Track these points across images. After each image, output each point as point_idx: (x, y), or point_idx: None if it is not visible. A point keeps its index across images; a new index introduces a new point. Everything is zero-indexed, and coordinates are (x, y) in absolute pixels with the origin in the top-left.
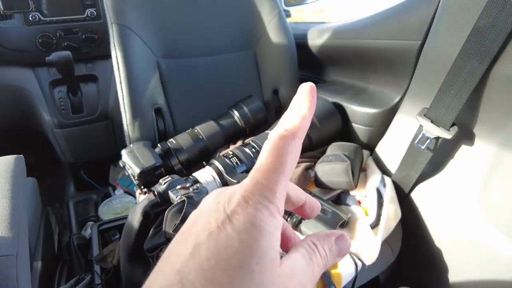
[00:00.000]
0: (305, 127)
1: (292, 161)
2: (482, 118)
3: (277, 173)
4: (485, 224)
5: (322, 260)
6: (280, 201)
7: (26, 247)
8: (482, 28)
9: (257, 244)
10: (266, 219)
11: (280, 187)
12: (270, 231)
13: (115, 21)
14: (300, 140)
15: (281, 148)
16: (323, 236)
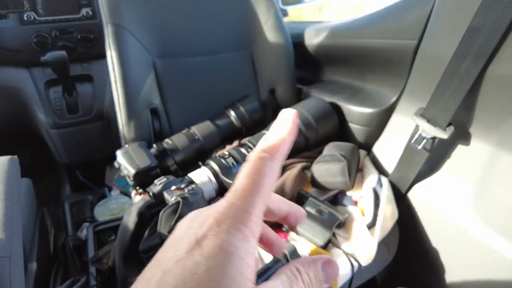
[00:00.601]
0: (284, 149)
1: (270, 182)
2: (478, 117)
3: (253, 195)
4: (482, 224)
5: (306, 286)
6: (255, 224)
7: (20, 248)
8: (477, 28)
9: (224, 271)
10: (237, 243)
11: (256, 209)
12: (241, 257)
13: (110, 20)
14: (278, 162)
15: (258, 170)
16: (308, 262)
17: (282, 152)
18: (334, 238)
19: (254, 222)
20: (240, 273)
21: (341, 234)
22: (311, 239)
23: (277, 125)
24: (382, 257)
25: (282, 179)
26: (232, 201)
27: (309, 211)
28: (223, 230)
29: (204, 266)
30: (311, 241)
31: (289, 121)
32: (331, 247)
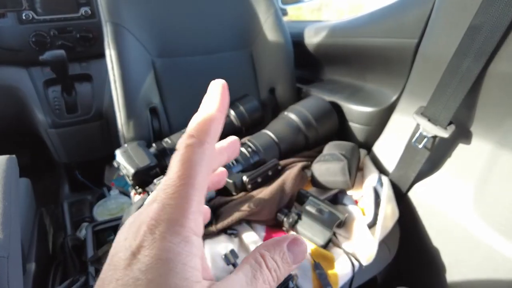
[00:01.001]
0: (215, 129)
1: (204, 169)
2: (479, 116)
3: (186, 189)
4: (482, 223)
5: (272, 274)
6: (194, 220)
7: (18, 248)
8: (478, 26)
9: (166, 282)
10: (176, 248)
11: (192, 205)
12: (182, 261)
13: (109, 19)
14: (210, 145)
15: (188, 159)
16: (273, 244)
17: (213, 133)
18: (334, 238)
19: (193, 219)
20: (185, 279)
21: (341, 234)
22: (311, 238)
23: (204, 103)
24: (383, 257)
25: (282, 178)
26: (163, 201)
27: (309, 210)
28: (157, 238)
29: (144, 280)
30: (311, 240)
31: (216, 95)
32: (331, 246)
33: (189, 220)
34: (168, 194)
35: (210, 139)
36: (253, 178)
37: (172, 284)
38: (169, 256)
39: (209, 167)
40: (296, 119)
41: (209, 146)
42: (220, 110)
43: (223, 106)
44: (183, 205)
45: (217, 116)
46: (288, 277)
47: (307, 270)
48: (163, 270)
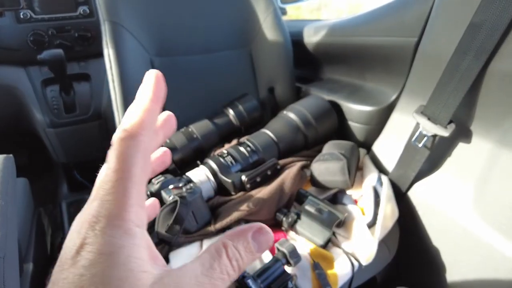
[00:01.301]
0: (149, 120)
1: (140, 161)
2: (479, 115)
3: (123, 183)
4: (482, 223)
5: (232, 263)
6: (135, 213)
7: (15, 249)
8: (478, 24)
9: (110, 275)
10: (118, 242)
11: (131, 197)
12: (126, 254)
13: (108, 18)
14: (145, 137)
15: (122, 153)
16: (237, 234)
17: (147, 124)
18: (334, 237)
19: (133, 212)
20: (129, 270)
21: (341, 233)
22: (310, 238)
23: (138, 94)
24: (383, 256)
25: (281, 178)
26: (102, 198)
27: (308, 210)
28: (98, 233)
29: (88, 275)
30: (310, 240)
31: (149, 86)
32: (331, 246)
33: (129, 213)
34: (105, 190)
35: (143, 131)
36: (252, 178)
37: (116, 275)
38: (111, 249)
39: (146, 157)
40: (296, 119)
41: (143, 138)
42: (153, 101)
43: (157, 96)
44: (121, 199)
45: (151, 107)
46: (287, 277)
47: (306, 270)
48: (107, 264)
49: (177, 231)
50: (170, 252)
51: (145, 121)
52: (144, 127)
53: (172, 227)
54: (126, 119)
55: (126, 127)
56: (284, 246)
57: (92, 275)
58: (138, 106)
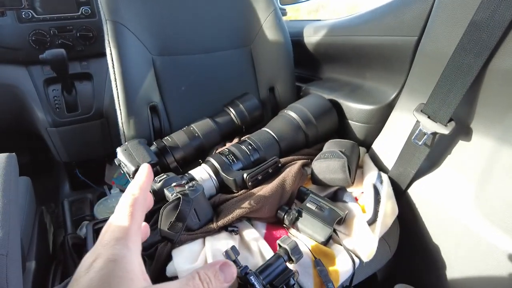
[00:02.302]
0: (144, 190)
1: (139, 212)
2: (480, 113)
3: (126, 221)
4: (482, 220)
5: (204, 284)
6: (134, 237)
7: (18, 247)
8: (479, 22)
9: (114, 274)
10: (122, 252)
11: (133, 226)
12: (126, 261)
13: (109, 17)
14: (140, 201)
15: (129, 206)
16: (208, 265)
17: (143, 195)
18: (335, 235)
19: (133, 236)
20: (128, 271)
21: (342, 231)
22: (311, 235)
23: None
24: (383, 253)
25: (283, 176)
26: (112, 229)
27: (309, 207)
28: (108, 247)
29: (97, 276)
30: (312, 237)
31: (144, 175)
32: (332, 243)
33: (130, 236)
34: (115, 225)
35: (141, 198)
36: (254, 176)
37: (119, 274)
38: (116, 257)
39: (142, 209)
40: (296, 117)
41: (140, 201)
42: (142, 189)
43: (148, 182)
44: (125, 226)
45: (144, 186)
46: (289, 273)
47: (308, 267)
48: (112, 267)
49: (179, 229)
50: (172, 249)
51: (142, 186)
52: (141, 197)
53: (175, 225)
54: (131, 188)
55: (134, 192)
56: (286, 243)
57: (101, 276)
58: (138, 183)
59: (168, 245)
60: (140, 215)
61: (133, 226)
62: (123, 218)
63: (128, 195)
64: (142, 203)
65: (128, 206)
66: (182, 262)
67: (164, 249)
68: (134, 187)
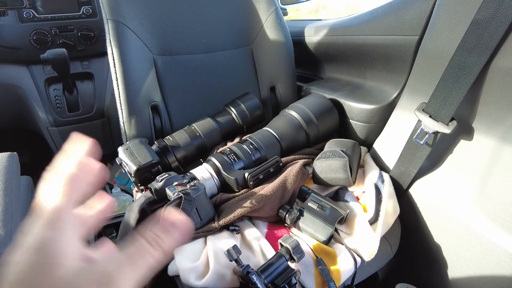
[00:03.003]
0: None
1: (76, 189)
2: (481, 112)
3: (58, 199)
4: (484, 219)
5: (152, 243)
6: (67, 215)
7: None
8: (481, 21)
9: (39, 262)
10: (47, 238)
11: (65, 207)
12: (54, 245)
13: (111, 17)
14: (75, 178)
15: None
16: (151, 222)
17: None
18: (336, 234)
19: (66, 214)
20: (54, 257)
21: (343, 230)
22: (313, 234)
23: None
24: (385, 253)
25: (284, 175)
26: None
27: (311, 206)
28: (34, 234)
29: (22, 267)
30: (313, 236)
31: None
32: (333, 242)
33: (60, 217)
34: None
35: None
36: (255, 175)
37: (46, 261)
38: (42, 244)
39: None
40: (297, 117)
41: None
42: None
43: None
44: (54, 209)
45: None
46: (291, 272)
47: (309, 266)
48: (37, 255)
49: None
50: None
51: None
52: (81, 163)
53: None
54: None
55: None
56: (287, 242)
57: (26, 266)
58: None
59: None
60: (77, 193)
61: (65, 207)
62: (53, 199)
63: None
64: (78, 180)
65: (61, 186)
66: (184, 261)
67: None
68: (71, 164)
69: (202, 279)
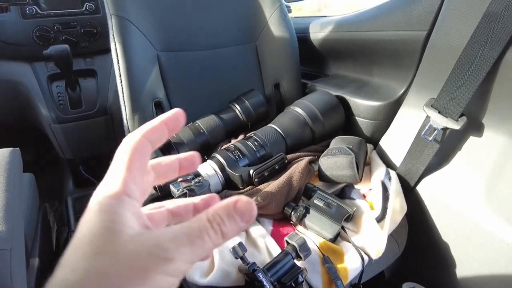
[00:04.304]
0: (147, 133)
1: (138, 158)
2: (492, 107)
3: (119, 169)
4: (494, 217)
5: (214, 226)
6: (129, 185)
7: (22, 242)
8: (494, 14)
9: (98, 223)
10: (108, 201)
11: (128, 176)
12: (114, 211)
13: (114, 12)
14: (138, 147)
15: (124, 153)
16: (219, 204)
17: (148, 133)
18: (343, 232)
19: (126, 185)
20: (112, 221)
21: (350, 228)
22: (319, 232)
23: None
24: (392, 251)
25: (289, 172)
26: (105, 178)
27: (317, 204)
28: (95, 197)
29: (83, 226)
30: (319, 234)
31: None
32: (340, 240)
33: (121, 186)
34: (107, 173)
35: (143, 137)
36: (260, 172)
37: (105, 223)
38: (101, 207)
39: (142, 153)
40: (303, 113)
41: (142, 140)
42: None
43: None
44: (118, 178)
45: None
46: (297, 270)
47: (316, 264)
48: (94, 214)
49: None
50: None
51: (146, 131)
52: (145, 134)
53: None
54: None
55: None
56: (294, 239)
57: (86, 222)
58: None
59: None
60: (139, 161)
61: (129, 176)
62: (115, 168)
63: (124, 143)
64: (140, 148)
65: (123, 153)
66: None
67: None
68: (135, 132)
69: (207, 277)
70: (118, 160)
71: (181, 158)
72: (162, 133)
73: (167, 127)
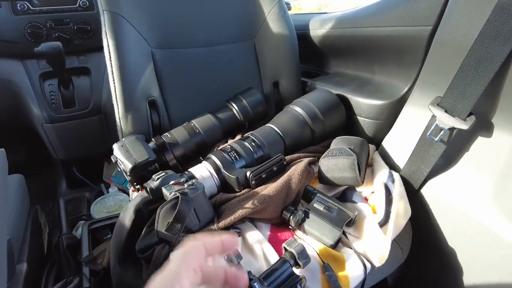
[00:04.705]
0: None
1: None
2: (503, 106)
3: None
4: (504, 220)
5: None
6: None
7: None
8: (507, 5)
9: None
10: None
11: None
12: None
13: (107, 8)
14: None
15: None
16: None
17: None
18: (344, 237)
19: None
20: None
21: (351, 233)
22: (319, 238)
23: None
24: (395, 257)
25: (288, 174)
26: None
27: (317, 208)
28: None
29: None
30: (319, 240)
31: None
32: (341, 246)
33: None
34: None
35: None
36: (257, 174)
37: None
38: None
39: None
40: (302, 113)
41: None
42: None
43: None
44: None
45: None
46: (296, 279)
47: (316, 272)
48: None
49: (178, 230)
50: (171, 252)
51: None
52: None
53: (173, 226)
54: None
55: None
56: (292, 246)
57: None
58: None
59: (166, 248)
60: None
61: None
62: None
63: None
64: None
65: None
66: None
67: (161, 252)
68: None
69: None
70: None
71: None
72: None
73: None
